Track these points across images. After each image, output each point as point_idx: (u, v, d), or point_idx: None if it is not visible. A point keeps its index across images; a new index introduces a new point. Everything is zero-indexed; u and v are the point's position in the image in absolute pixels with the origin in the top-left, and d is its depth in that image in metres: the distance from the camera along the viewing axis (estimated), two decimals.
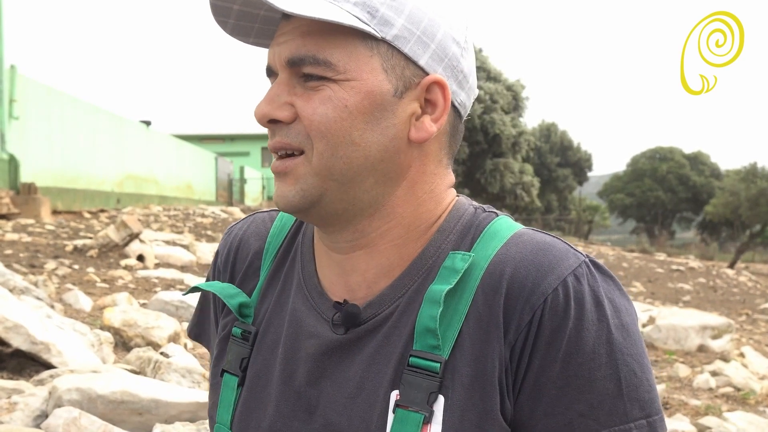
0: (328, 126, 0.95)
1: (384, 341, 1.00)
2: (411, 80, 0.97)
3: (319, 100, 0.95)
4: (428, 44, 0.97)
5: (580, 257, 0.97)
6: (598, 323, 0.93)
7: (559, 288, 0.93)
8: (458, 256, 0.99)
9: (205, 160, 30.01)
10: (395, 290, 1.02)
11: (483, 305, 0.96)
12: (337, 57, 0.94)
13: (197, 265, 8.81)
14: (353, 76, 0.95)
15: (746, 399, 6.08)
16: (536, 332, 0.93)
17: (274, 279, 1.14)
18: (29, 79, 14.06)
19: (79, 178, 16.09)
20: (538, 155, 48.41)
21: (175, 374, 3.63)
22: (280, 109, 0.97)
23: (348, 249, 1.04)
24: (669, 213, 58.87)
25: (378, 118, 0.96)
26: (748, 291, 17.91)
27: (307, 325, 1.06)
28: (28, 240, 8.68)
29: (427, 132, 0.99)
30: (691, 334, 7.88)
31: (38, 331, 3.66)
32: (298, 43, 0.95)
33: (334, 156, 0.96)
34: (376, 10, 0.94)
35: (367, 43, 0.95)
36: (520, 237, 1.00)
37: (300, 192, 0.98)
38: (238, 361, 1.11)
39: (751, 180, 32.34)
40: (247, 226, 1.22)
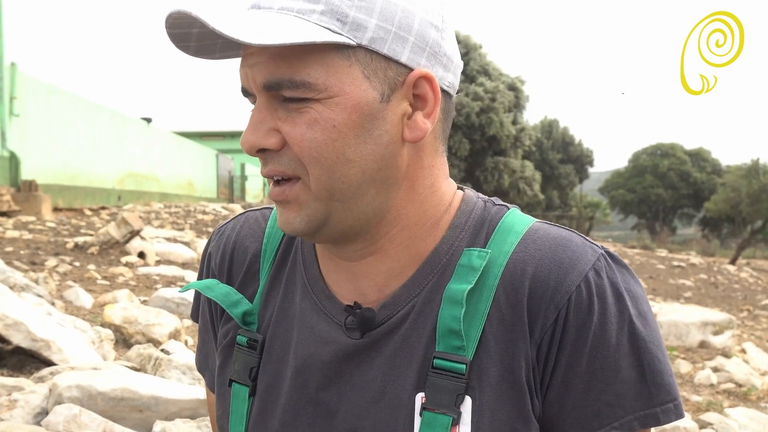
0: (319, 150, 0.91)
1: (402, 343, 0.99)
2: (395, 80, 0.93)
3: (305, 123, 0.91)
4: (406, 38, 0.92)
5: (597, 250, 0.97)
6: (620, 315, 0.94)
7: (581, 284, 0.94)
8: (474, 253, 0.98)
9: (206, 157, 30.01)
10: (409, 290, 1.00)
11: (505, 305, 0.95)
12: (315, 75, 0.89)
13: (198, 262, 8.81)
14: (335, 92, 0.90)
15: (748, 395, 6.08)
16: (562, 330, 0.93)
17: (275, 282, 1.11)
18: (30, 77, 14.06)
19: (80, 176, 16.09)
20: (540, 151, 48.41)
21: (176, 371, 3.63)
22: (267, 137, 0.93)
23: (357, 257, 1.02)
24: (670, 209, 58.85)
25: (369, 129, 0.92)
26: (750, 287, 17.90)
27: (319, 331, 1.03)
28: (28, 237, 8.68)
29: (421, 130, 0.96)
30: (692, 330, 7.87)
31: (39, 329, 3.65)
32: (271, 67, 0.90)
33: (332, 178, 0.92)
34: (346, 16, 0.89)
35: (343, 53, 0.90)
36: (536, 232, 0.99)
37: (305, 218, 0.95)
38: (246, 371, 1.08)
39: (753, 176, 32.31)
40: (239, 226, 1.18)
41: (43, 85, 14.72)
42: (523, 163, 35.66)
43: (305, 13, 0.89)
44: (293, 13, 0.89)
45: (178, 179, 25.06)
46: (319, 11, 0.89)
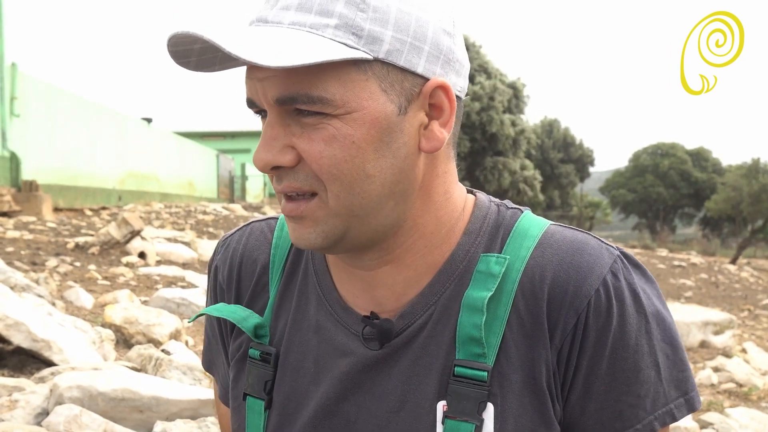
0: (339, 168, 0.89)
1: (421, 352, 0.98)
2: (412, 91, 0.91)
3: (322, 140, 0.88)
4: (422, 48, 0.90)
5: (613, 252, 0.98)
6: (638, 316, 0.95)
7: (600, 288, 0.94)
8: (492, 259, 0.98)
9: (207, 157, 30.02)
10: (426, 298, 1.00)
11: (525, 311, 0.95)
12: (332, 91, 0.87)
13: (198, 262, 8.81)
14: (353, 107, 0.88)
15: (748, 395, 6.08)
16: (582, 334, 0.94)
17: (285, 294, 1.10)
18: (30, 77, 14.06)
19: (81, 176, 16.09)
20: (541, 151, 48.42)
21: (177, 371, 3.63)
22: (282, 154, 0.90)
23: (374, 266, 1.01)
24: (671, 209, 58.85)
25: (387, 142, 0.90)
26: (750, 286, 17.89)
27: (337, 343, 1.03)
28: (29, 237, 8.68)
29: (438, 140, 0.94)
30: (693, 330, 7.88)
31: (39, 329, 3.65)
32: (285, 81, 0.87)
33: (352, 194, 0.90)
34: (361, 29, 0.86)
35: (359, 67, 0.87)
36: (552, 236, 0.99)
37: (322, 234, 0.93)
38: (261, 384, 1.07)
39: (753, 176, 32.33)
40: (245, 238, 1.16)
41: (43, 86, 14.73)
42: (523, 163, 35.66)
43: (318, 28, 0.86)
44: (305, 28, 0.87)
45: (179, 179, 25.06)
46: (333, 25, 0.86)
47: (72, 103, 16.06)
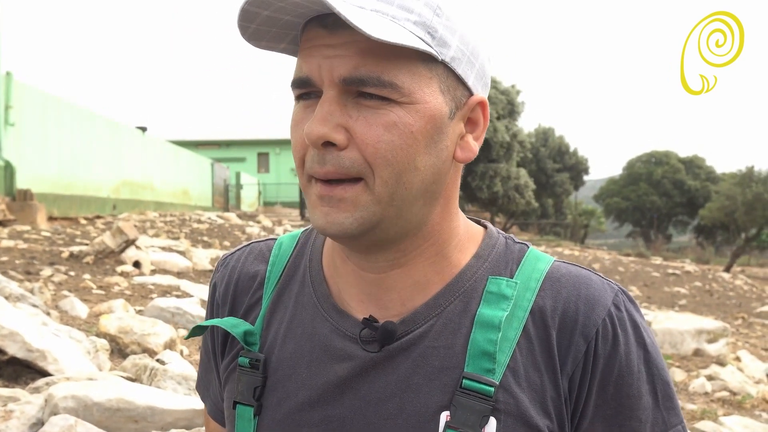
0: (394, 154, 0.91)
1: (421, 361, 1.00)
2: (460, 101, 0.97)
3: (383, 126, 0.91)
4: (474, 64, 0.97)
5: (614, 287, 1.04)
6: (637, 345, 1.02)
7: (606, 318, 1.00)
8: (503, 282, 1.02)
9: (201, 166, 30.01)
10: (430, 309, 1.02)
11: (535, 338, 1.00)
12: (402, 78, 0.90)
13: (193, 271, 8.81)
14: (417, 98, 0.91)
15: (742, 403, 6.10)
16: (593, 361, 0.99)
17: (278, 305, 1.12)
18: (25, 86, 14.07)
19: (75, 185, 16.08)
20: (536, 160, 48.48)
21: (171, 381, 3.63)
22: (336, 131, 0.91)
23: (386, 268, 1.03)
24: (665, 217, 58.94)
25: (436, 141, 0.94)
26: (744, 294, 17.92)
27: (333, 348, 1.04)
28: (24, 247, 8.67)
29: (471, 152, 1.00)
30: (686, 338, 7.89)
31: (34, 339, 3.66)
32: (357, 61, 0.89)
33: (398, 183, 0.93)
34: (436, 31, 0.92)
35: (427, 64, 0.92)
36: (559, 270, 1.04)
37: (358, 219, 0.94)
38: (250, 391, 1.08)
39: (747, 184, 32.41)
40: (244, 257, 1.19)
41: (38, 94, 14.73)
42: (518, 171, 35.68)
43: (400, 20, 0.90)
44: (388, 16, 0.90)
45: (174, 188, 25.05)
46: (413, 21, 0.91)
47: (67, 111, 16.06)
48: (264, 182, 43.44)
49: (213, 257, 10.01)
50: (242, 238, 14.84)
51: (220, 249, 12.07)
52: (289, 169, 44.89)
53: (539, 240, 39.26)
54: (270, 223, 20.53)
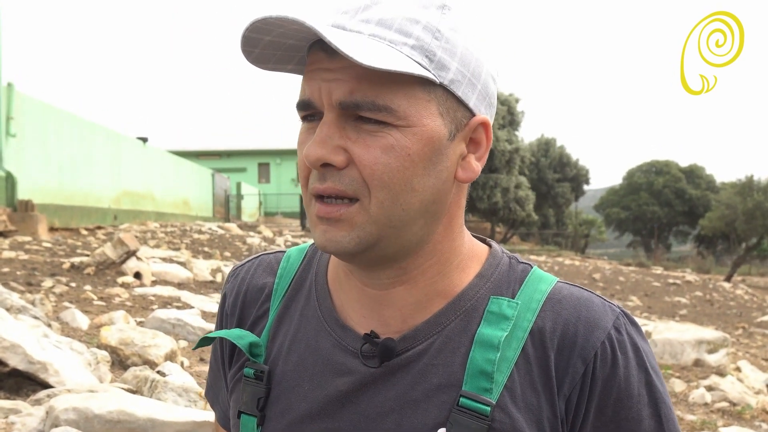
0: (390, 176, 0.93)
1: (420, 378, 1.02)
2: (461, 122, 0.98)
3: (380, 148, 0.93)
4: (476, 85, 0.98)
5: (615, 309, 1.05)
6: (638, 368, 1.02)
7: (605, 341, 1.01)
8: (504, 302, 1.03)
9: (202, 176, 30.04)
10: (431, 327, 1.03)
11: (534, 358, 1.01)
12: (398, 102, 0.92)
13: (194, 282, 8.82)
14: (414, 122, 0.93)
15: (742, 414, 6.10)
16: (590, 383, 1.00)
17: (285, 317, 1.14)
18: (26, 97, 14.11)
19: (76, 195, 16.10)
20: (537, 170, 48.50)
21: (172, 393, 3.64)
22: (334, 153, 0.94)
23: (388, 285, 1.04)
24: (665, 226, 58.93)
25: (435, 162, 0.96)
26: (745, 304, 17.92)
27: (334, 362, 1.06)
28: (25, 258, 8.69)
29: (473, 172, 1.01)
30: (686, 349, 7.89)
31: (35, 351, 3.67)
32: (353, 86, 0.92)
33: (395, 204, 0.95)
34: (434, 54, 0.93)
35: (425, 87, 0.93)
36: (560, 292, 1.05)
37: (356, 239, 0.96)
38: (254, 402, 1.10)
39: (747, 193, 32.42)
40: (254, 269, 1.21)
41: (39, 105, 14.77)
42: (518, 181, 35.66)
43: (397, 44, 0.92)
44: (385, 41, 0.92)
45: (174, 198, 25.07)
46: (410, 45, 0.92)
47: (68, 122, 16.10)
48: (265, 192, 43.46)
49: (214, 268, 10.02)
50: (243, 248, 14.85)
51: (221, 260, 12.08)
52: (290, 180, 44.93)
53: (540, 250, 39.21)
54: (271, 234, 20.54)
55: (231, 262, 11.94)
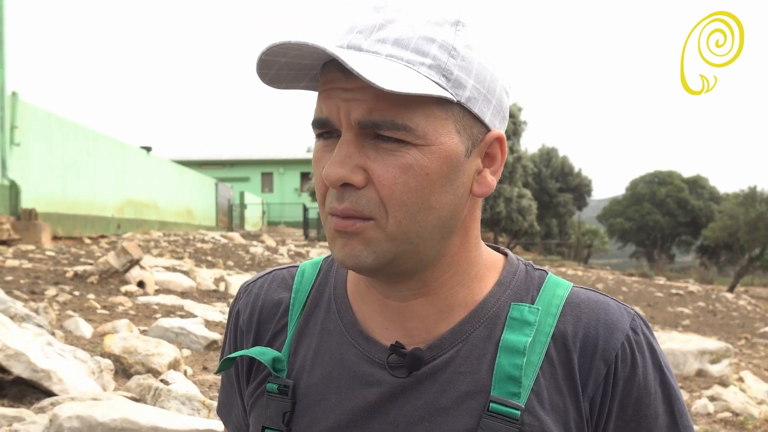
0: (409, 195, 0.94)
1: (448, 385, 1.03)
2: (477, 137, 0.99)
3: (399, 168, 0.93)
4: (491, 101, 0.99)
5: (630, 312, 1.08)
6: (654, 367, 1.05)
7: (624, 342, 1.04)
8: (525, 308, 1.05)
9: (205, 186, 30.09)
10: (456, 335, 1.05)
11: (557, 361, 1.03)
12: (416, 121, 0.92)
13: (197, 291, 8.83)
14: (432, 140, 0.94)
15: (745, 424, 6.08)
16: (613, 383, 1.03)
17: (305, 331, 1.14)
18: (30, 106, 14.16)
19: (80, 204, 16.14)
20: (539, 180, 48.48)
21: (175, 401, 3.65)
22: (354, 172, 0.94)
23: (409, 297, 1.05)
24: (668, 237, 58.84)
25: (452, 180, 0.97)
26: (748, 315, 17.89)
27: (362, 373, 1.06)
28: (28, 266, 8.71)
29: (489, 186, 1.02)
30: (689, 359, 7.89)
31: (39, 359, 3.68)
32: (371, 105, 0.92)
33: (413, 222, 0.96)
34: (451, 73, 0.94)
35: (442, 106, 0.94)
36: (578, 296, 1.08)
37: (373, 254, 0.97)
38: (280, 416, 1.09)
39: (750, 204, 32.40)
40: (267, 284, 1.20)
41: (43, 114, 14.82)
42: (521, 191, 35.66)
43: (414, 64, 0.93)
44: (402, 62, 0.93)
45: (178, 207, 25.11)
46: (428, 65, 0.93)
47: (72, 131, 16.15)
48: (268, 202, 43.50)
49: (217, 277, 10.04)
50: (246, 257, 14.87)
51: (224, 269, 12.10)
52: (293, 189, 44.97)
53: (543, 260, 39.20)
54: (274, 243, 20.56)
55: (234, 271, 11.96)
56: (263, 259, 14.96)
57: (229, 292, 9.10)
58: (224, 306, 7.82)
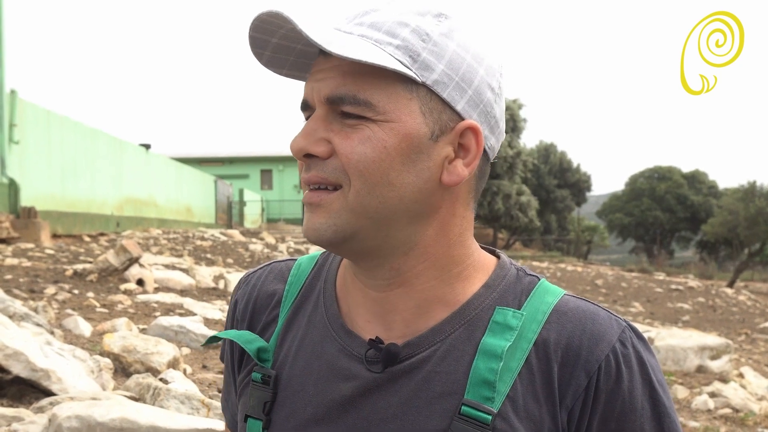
0: (366, 165, 0.97)
1: (423, 384, 1.03)
2: (447, 124, 0.99)
3: (358, 139, 0.97)
4: (465, 90, 0.99)
5: (621, 323, 1.05)
6: (643, 382, 1.03)
7: (610, 354, 1.02)
8: (509, 312, 1.04)
9: (205, 183, 30.07)
10: (435, 334, 1.05)
11: (537, 369, 1.02)
12: (378, 98, 0.96)
13: (197, 288, 8.83)
14: (392, 117, 0.97)
15: (745, 420, 6.09)
16: (593, 396, 1.01)
17: (292, 323, 1.15)
18: (29, 104, 14.15)
19: (79, 202, 16.13)
20: (537, 176, 48.49)
21: (175, 400, 3.65)
22: (317, 144, 0.99)
23: (385, 287, 1.06)
24: (668, 232, 58.89)
25: (414, 160, 0.98)
26: (747, 310, 17.91)
27: (339, 367, 1.07)
28: (27, 265, 8.70)
29: (458, 176, 1.01)
30: (689, 355, 7.89)
31: (38, 358, 3.68)
32: (338, 82, 0.97)
33: (371, 194, 0.98)
34: (418, 54, 0.97)
35: (407, 86, 0.97)
36: (567, 304, 1.06)
37: (333, 227, 1.00)
38: (260, 405, 1.11)
39: (750, 199, 32.42)
40: (265, 276, 1.23)
41: (42, 112, 14.80)
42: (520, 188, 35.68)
43: (382, 44, 0.97)
44: (371, 41, 0.97)
45: (177, 205, 25.10)
46: (395, 45, 0.97)
47: (71, 129, 16.13)
48: (267, 199, 43.49)
49: (216, 275, 10.03)
50: (245, 255, 14.87)
51: (224, 266, 12.09)
52: (293, 186, 44.96)
53: (543, 256, 39.21)
54: (273, 240, 20.56)
55: (233, 268, 11.95)
56: (263, 257, 14.95)
57: (229, 290, 9.08)
58: (224, 304, 7.82)
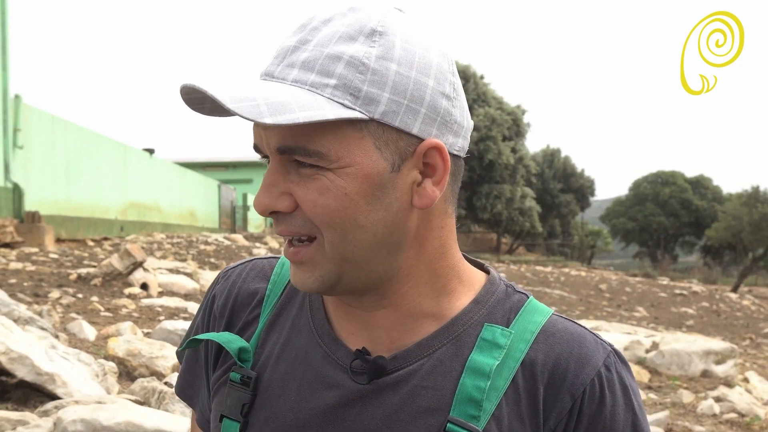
0: (332, 216, 0.94)
1: (409, 398, 1.01)
2: (406, 150, 0.95)
3: (317, 190, 0.94)
4: (418, 110, 0.94)
5: (606, 348, 1.05)
6: (626, 407, 1.03)
7: (595, 378, 1.02)
8: (497, 330, 1.03)
9: (208, 188, 30.10)
10: (422, 349, 1.03)
11: (523, 389, 1.01)
12: (328, 146, 0.92)
13: (201, 293, 8.83)
14: (347, 162, 0.92)
15: (750, 425, 6.07)
16: (576, 419, 1.01)
17: (275, 324, 1.13)
18: (33, 108, 14.16)
19: (83, 207, 16.15)
20: (541, 181, 48.48)
21: (180, 404, 3.64)
22: (279, 199, 0.96)
23: (371, 308, 1.05)
24: (671, 237, 58.82)
25: (379, 197, 0.95)
26: (752, 315, 17.86)
27: (323, 374, 1.06)
28: (32, 269, 8.71)
29: (430, 198, 0.98)
30: (694, 360, 7.87)
31: (43, 362, 3.68)
32: (285, 133, 0.93)
33: (345, 241, 0.95)
34: (359, 90, 0.91)
35: (355, 125, 0.92)
36: (555, 325, 1.06)
37: (319, 278, 0.98)
38: (238, 407, 1.09)
39: (753, 204, 32.37)
40: (246, 272, 1.20)
41: (46, 117, 14.82)
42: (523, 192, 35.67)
43: (319, 87, 0.91)
44: (306, 86, 0.92)
45: (181, 209, 25.12)
46: (332, 86, 0.91)
47: (75, 134, 16.15)
48: None
49: None
50: None
51: None
52: None
53: (546, 261, 39.14)
54: (277, 245, 20.55)
55: None
56: None
57: None
58: None
